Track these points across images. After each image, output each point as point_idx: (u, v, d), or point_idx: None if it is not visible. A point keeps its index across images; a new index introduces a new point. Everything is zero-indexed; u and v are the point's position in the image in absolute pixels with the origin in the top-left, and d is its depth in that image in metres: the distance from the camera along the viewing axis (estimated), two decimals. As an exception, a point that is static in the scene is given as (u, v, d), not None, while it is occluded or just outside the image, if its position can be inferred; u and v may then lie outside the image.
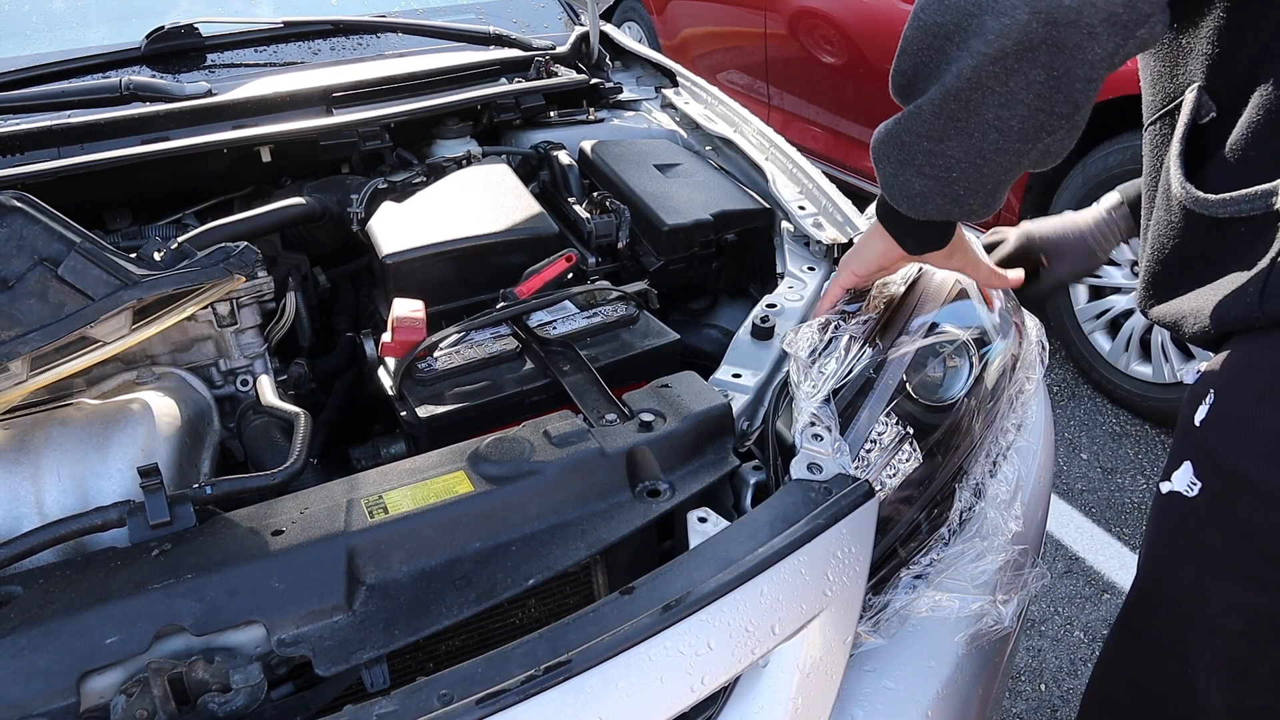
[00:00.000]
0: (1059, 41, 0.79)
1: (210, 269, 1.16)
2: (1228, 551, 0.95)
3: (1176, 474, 0.99)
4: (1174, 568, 1.03)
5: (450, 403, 1.15)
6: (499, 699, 0.76)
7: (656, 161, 1.64)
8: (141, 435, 1.07)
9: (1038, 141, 0.87)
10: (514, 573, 0.91)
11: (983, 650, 1.08)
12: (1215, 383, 0.94)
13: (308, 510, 0.93)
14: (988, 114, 0.85)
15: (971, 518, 1.10)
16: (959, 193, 0.94)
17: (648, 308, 1.34)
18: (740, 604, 0.87)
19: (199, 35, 1.84)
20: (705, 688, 0.83)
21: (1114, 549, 2.49)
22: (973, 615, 1.04)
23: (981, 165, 0.90)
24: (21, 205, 1.06)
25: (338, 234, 1.62)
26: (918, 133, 0.92)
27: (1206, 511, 0.96)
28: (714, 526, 0.96)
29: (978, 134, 0.87)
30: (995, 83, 0.83)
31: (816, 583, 0.92)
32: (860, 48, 3.58)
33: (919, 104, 0.90)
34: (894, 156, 0.96)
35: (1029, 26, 0.78)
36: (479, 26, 2.00)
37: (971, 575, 1.05)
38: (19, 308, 1.01)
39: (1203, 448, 0.95)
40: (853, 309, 1.15)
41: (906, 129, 0.93)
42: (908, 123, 0.92)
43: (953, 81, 0.85)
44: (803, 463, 0.99)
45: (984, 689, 1.10)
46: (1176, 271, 1.00)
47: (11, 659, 0.78)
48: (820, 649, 0.92)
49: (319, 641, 0.83)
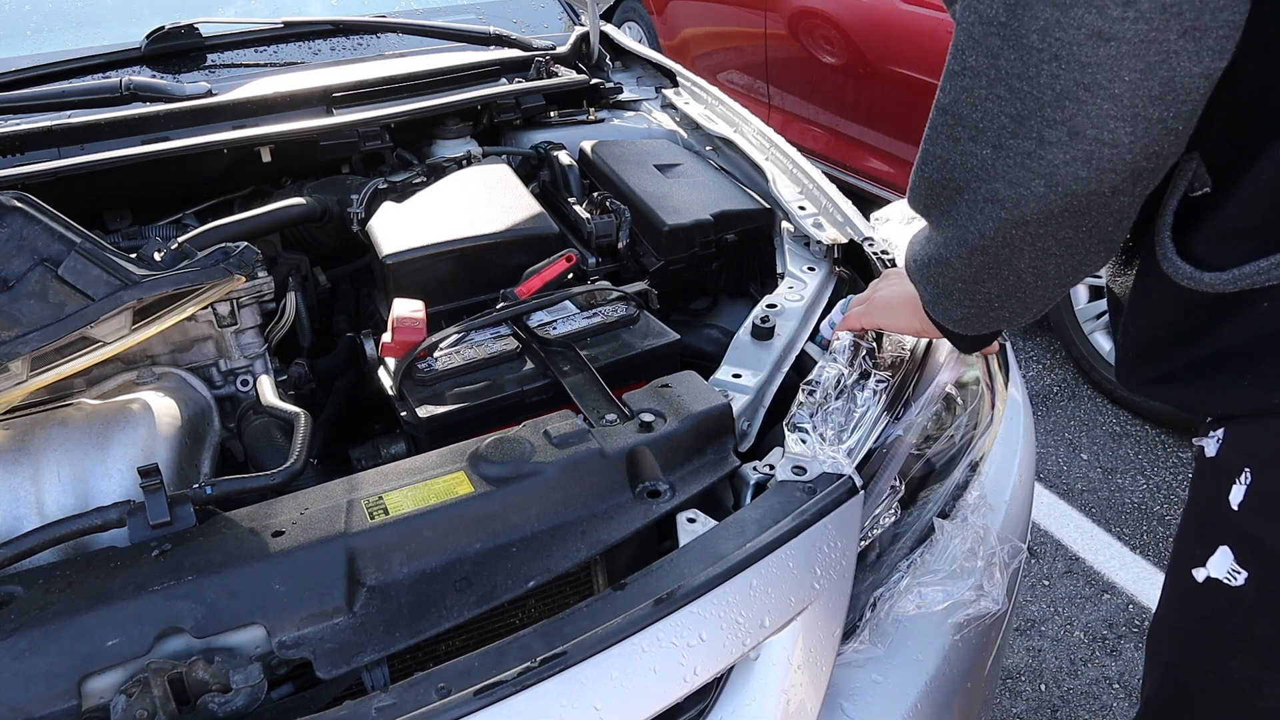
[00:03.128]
0: (1082, 208, 0.74)
1: (210, 269, 1.16)
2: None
3: (1213, 560, 0.90)
4: (1220, 658, 0.95)
5: (450, 403, 1.15)
6: (496, 690, 0.77)
7: (657, 161, 1.64)
8: (141, 435, 1.07)
9: (1080, 276, 0.84)
10: (514, 574, 0.91)
11: (971, 642, 1.09)
12: (1250, 460, 0.85)
13: (308, 511, 0.93)
14: (1020, 264, 0.82)
15: (953, 513, 1.14)
16: (1005, 316, 0.90)
17: (648, 308, 1.34)
18: (731, 597, 0.89)
19: (199, 35, 1.84)
20: (698, 678, 0.85)
21: (1114, 549, 2.49)
22: (962, 602, 1.06)
23: (1024, 298, 0.87)
24: (22, 205, 1.06)
25: (338, 234, 1.62)
26: (950, 276, 0.89)
27: (1256, 601, 0.88)
28: (703, 526, 0.98)
29: (1013, 278, 0.84)
30: (1022, 243, 0.79)
31: (805, 576, 0.94)
32: (860, 48, 3.58)
33: (945, 253, 0.87)
34: (929, 287, 0.94)
35: (1046, 199, 0.73)
36: (479, 26, 2.00)
37: (952, 566, 1.08)
38: (19, 308, 1.01)
39: (1243, 532, 0.87)
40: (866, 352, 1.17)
41: (938, 271, 0.90)
42: (938, 268, 0.90)
43: (976, 240, 0.81)
44: (788, 465, 1.02)
45: (972, 682, 1.12)
46: (1168, 346, 0.91)
47: (12, 661, 0.78)
48: (810, 642, 0.94)
49: (320, 644, 0.83)
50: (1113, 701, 2.08)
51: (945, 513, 1.12)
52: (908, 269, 0.98)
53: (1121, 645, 2.21)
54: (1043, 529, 2.55)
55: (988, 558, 1.08)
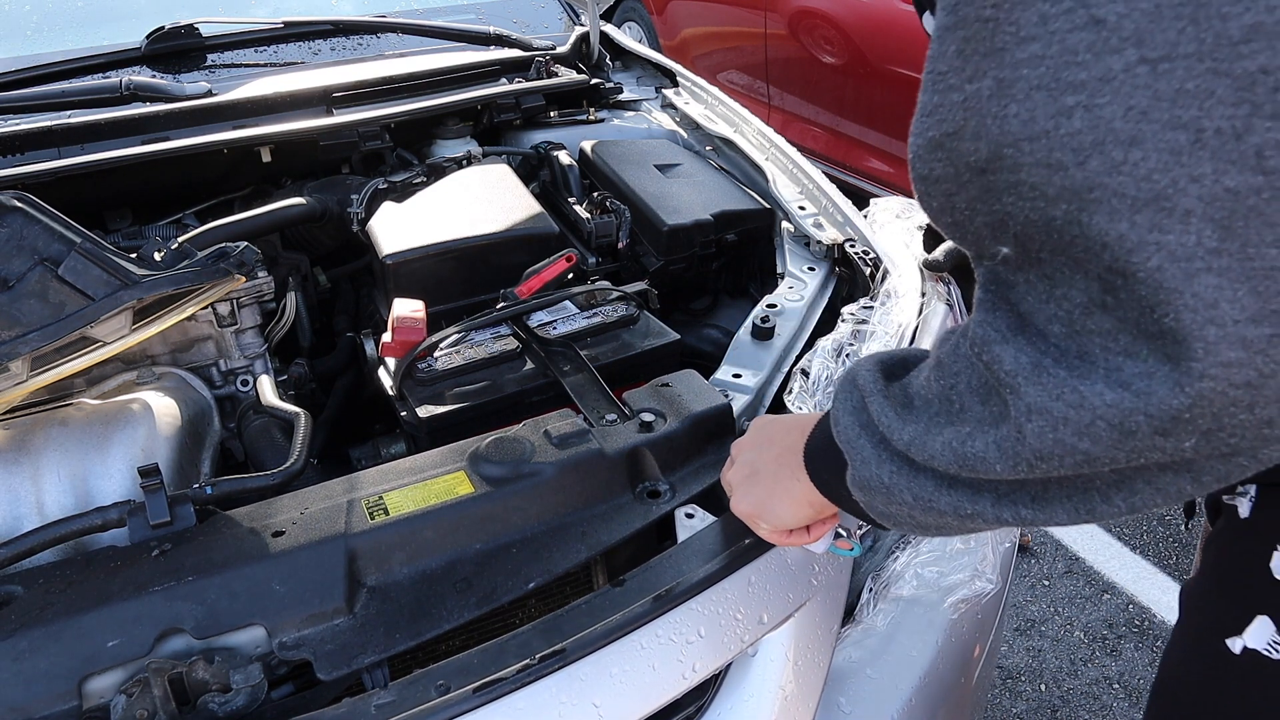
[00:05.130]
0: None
1: (210, 269, 1.16)
2: None
3: (1250, 630, 0.85)
4: None
5: (450, 403, 1.14)
6: (496, 688, 0.77)
7: (657, 161, 1.64)
8: (142, 435, 1.07)
9: None
10: (515, 575, 0.91)
11: (967, 628, 1.10)
12: None
13: (308, 510, 0.93)
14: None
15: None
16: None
17: (648, 308, 1.34)
18: (729, 593, 0.89)
19: (199, 35, 1.84)
20: (697, 674, 0.85)
21: (1114, 549, 2.49)
22: (958, 583, 1.07)
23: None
24: (22, 205, 1.06)
25: (338, 234, 1.62)
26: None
27: None
28: (701, 521, 0.98)
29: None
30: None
31: (803, 572, 0.94)
32: (860, 48, 3.58)
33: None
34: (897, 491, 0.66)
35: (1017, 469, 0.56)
36: (479, 26, 2.00)
37: (946, 548, 1.09)
38: (19, 308, 1.01)
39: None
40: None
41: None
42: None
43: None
44: None
45: (966, 676, 1.12)
46: None
47: (13, 662, 0.78)
48: (808, 637, 0.94)
49: (320, 645, 0.83)
50: (1113, 701, 2.08)
51: None
52: (841, 430, 0.68)
53: (1121, 645, 2.21)
54: (1043, 529, 2.55)
55: (980, 540, 1.09)
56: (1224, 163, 0.43)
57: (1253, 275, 0.44)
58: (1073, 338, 0.50)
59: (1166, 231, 0.44)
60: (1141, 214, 0.45)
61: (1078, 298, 0.49)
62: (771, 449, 0.83)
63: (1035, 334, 0.52)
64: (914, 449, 0.61)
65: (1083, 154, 0.45)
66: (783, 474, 0.80)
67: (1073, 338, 0.50)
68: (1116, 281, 0.47)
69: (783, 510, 0.81)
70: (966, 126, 0.50)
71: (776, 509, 0.82)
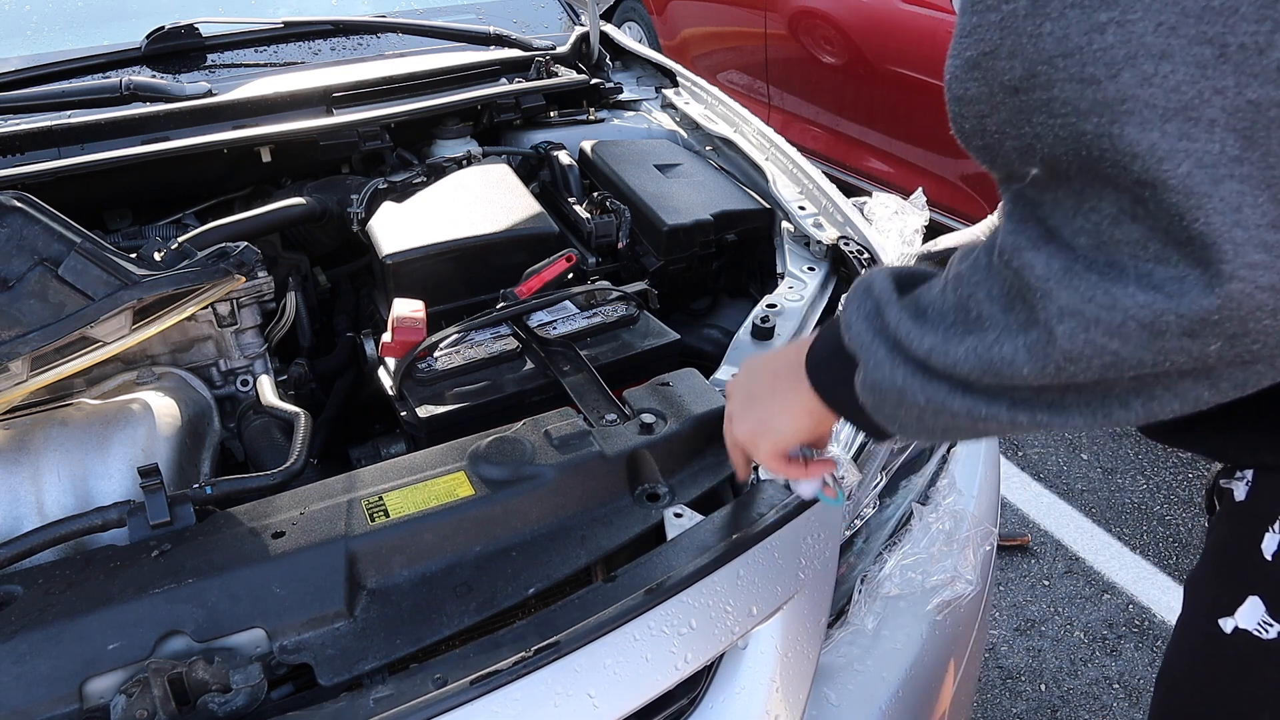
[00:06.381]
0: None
1: (210, 269, 1.16)
2: None
3: (1242, 611, 0.86)
4: (1247, 713, 0.91)
5: (450, 403, 1.14)
6: (492, 680, 0.78)
7: (657, 161, 1.63)
8: (141, 435, 1.07)
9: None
10: (514, 580, 0.91)
11: (950, 625, 1.11)
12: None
13: (307, 510, 0.93)
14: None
15: (928, 500, 1.18)
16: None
17: (648, 308, 1.34)
18: (719, 586, 0.90)
19: (199, 35, 1.83)
20: (689, 666, 0.86)
21: (1114, 549, 2.49)
22: (940, 584, 1.08)
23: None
24: (22, 205, 1.06)
25: (338, 234, 1.62)
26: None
27: None
28: (689, 521, 0.99)
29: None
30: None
31: (790, 566, 0.96)
32: (860, 48, 3.58)
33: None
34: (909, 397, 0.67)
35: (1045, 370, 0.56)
36: (479, 26, 2.00)
37: (930, 549, 1.10)
38: (19, 308, 1.01)
39: (1278, 584, 0.83)
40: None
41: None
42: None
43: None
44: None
45: (952, 670, 1.14)
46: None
47: (13, 664, 0.78)
48: (797, 630, 0.95)
49: (321, 649, 0.83)
50: (1113, 701, 2.08)
51: (922, 500, 1.15)
52: (853, 335, 0.69)
53: (1121, 645, 2.21)
54: (1043, 529, 2.55)
55: (961, 541, 1.10)
56: (1246, 76, 0.46)
57: (1273, 183, 0.46)
58: (1100, 249, 0.52)
59: (1194, 139, 0.46)
60: (1171, 123, 0.47)
61: (1107, 209, 0.51)
62: (765, 372, 0.85)
63: (1063, 245, 0.54)
64: (935, 356, 0.62)
65: (1115, 67, 0.47)
66: (780, 388, 0.82)
67: (1100, 249, 0.52)
68: (1145, 193, 0.49)
69: (782, 422, 0.82)
70: (1003, 45, 0.51)
71: (775, 422, 0.83)
